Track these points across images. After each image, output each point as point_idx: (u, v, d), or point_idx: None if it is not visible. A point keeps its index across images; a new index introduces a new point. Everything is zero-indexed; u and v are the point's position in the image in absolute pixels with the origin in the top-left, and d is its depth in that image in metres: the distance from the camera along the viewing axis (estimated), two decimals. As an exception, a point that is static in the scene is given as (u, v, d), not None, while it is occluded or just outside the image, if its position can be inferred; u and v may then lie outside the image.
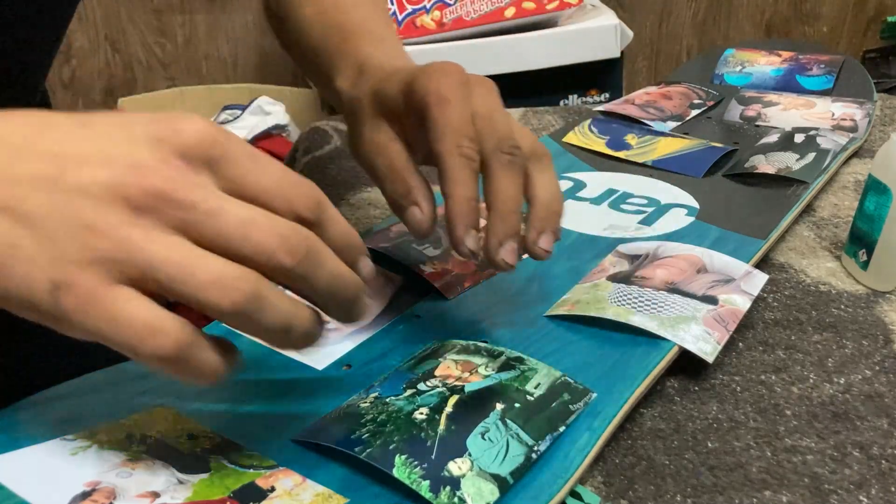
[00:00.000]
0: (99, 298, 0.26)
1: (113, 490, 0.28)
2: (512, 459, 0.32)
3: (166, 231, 0.27)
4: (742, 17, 1.86)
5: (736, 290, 0.45)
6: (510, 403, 0.35)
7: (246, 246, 0.27)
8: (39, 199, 0.26)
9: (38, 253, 0.26)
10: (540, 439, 0.33)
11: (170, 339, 0.26)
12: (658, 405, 0.40)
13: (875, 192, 0.48)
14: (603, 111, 0.76)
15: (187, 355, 0.26)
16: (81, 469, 0.30)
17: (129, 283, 0.26)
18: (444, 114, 0.37)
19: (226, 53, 1.81)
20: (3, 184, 0.27)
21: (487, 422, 0.34)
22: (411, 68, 0.40)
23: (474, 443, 0.32)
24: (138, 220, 0.26)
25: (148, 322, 0.26)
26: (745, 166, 0.62)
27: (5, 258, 0.26)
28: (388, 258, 0.48)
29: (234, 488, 0.29)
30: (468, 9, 1.31)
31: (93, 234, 0.26)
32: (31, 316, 0.27)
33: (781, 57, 0.83)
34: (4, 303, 0.27)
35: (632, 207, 0.57)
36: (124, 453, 0.30)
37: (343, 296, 0.30)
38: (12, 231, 0.26)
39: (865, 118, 0.70)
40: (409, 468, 0.31)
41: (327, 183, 0.67)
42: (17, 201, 0.26)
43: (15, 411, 0.35)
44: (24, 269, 0.26)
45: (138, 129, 0.28)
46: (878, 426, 0.38)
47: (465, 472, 0.31)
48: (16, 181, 0.27)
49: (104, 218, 0.26)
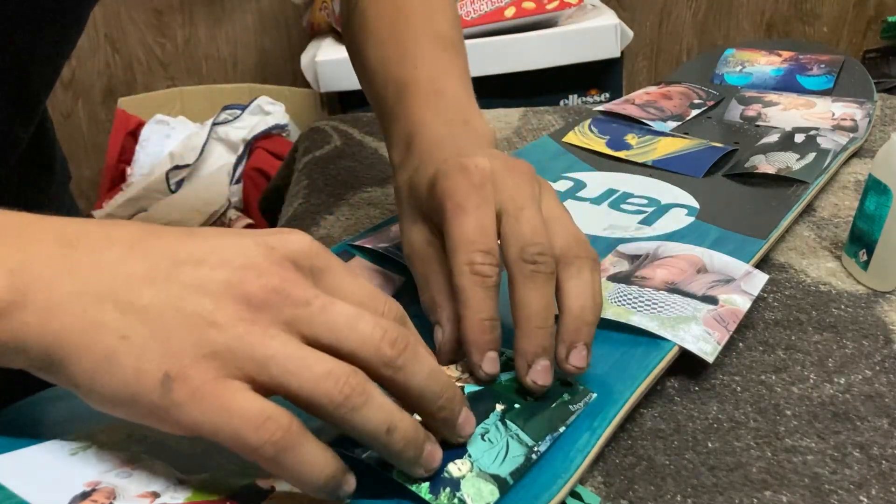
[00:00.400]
0: (212, 390, 0.26)
1: (113, 490, 0.28)
2: (512, 460, 0.32)
3: (281, 327, 0.28)
4: (742, 16, 1.86)
5: (736, 290, 0.45)
6: (510, 404, 0.35)
7: (353, 337, 0.28)
8: (154, 293, 0.27)
9: (151, 345, 0.27)
10: (540, 440, 0.33)
11: (281, 426, 0.26)
12: (658, 405, 0.40)
13: (875, 192, 0.48)
14: (603, 111, 0.76)
15: (296, 443, 0.27)
16: (81, 469, 0.29)
17: (241, 376, 0.27)
18: (458, 225, 0.35)
19: (226, 53, 1.81)
20: (116, 279, 0.27)
21: (487, 423, 0.34)
22: (442, 158, 0.38)
23: (474, 444, 0.32)
24: (256, 315, 0.27)
25: (261, 410, 0.26)
26: (745, 166, 0.62)
27: (115, 349, 0.27)
28: (389, 258, 0.48)
29: (234, 488, 0.29)
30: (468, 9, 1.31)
31: (211, 328, 0.27)
32: (127, 411, 0.27)
33: (781, 57, 0.83)
34: (107, 400, 0.27)
35: (632, 207, 0.57)
36: (124, 453, 0.30)
37: (441, 390, 0.30)
38: (124, 323, 0.27)
39: (865, 118, 0.70)
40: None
41: (327, 183, 0.67)
42: (130, 295, 0.27)
43: (15, 411, 0.35)
44: (135, 361, 0.26)
45: (248, 237, 0.29)
46: (879, 426, 0.38)
47: (464, 472, 0.31)
48: (129, 276, 0.28)
49: (223, 313, 0.27)
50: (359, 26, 0.51)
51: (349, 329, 0.28)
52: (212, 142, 1.57)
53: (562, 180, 0.62)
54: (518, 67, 1.33)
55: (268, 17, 1.79)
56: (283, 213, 0.66)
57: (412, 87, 0.45)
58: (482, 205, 0.36)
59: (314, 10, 1.53)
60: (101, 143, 1.80)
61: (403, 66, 0.46)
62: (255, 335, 0.27)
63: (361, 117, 0.81)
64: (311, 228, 0.59)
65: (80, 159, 1.83)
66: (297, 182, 0.70)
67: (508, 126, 0.78)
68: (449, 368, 0.37)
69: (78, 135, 1.83)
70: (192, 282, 0.28)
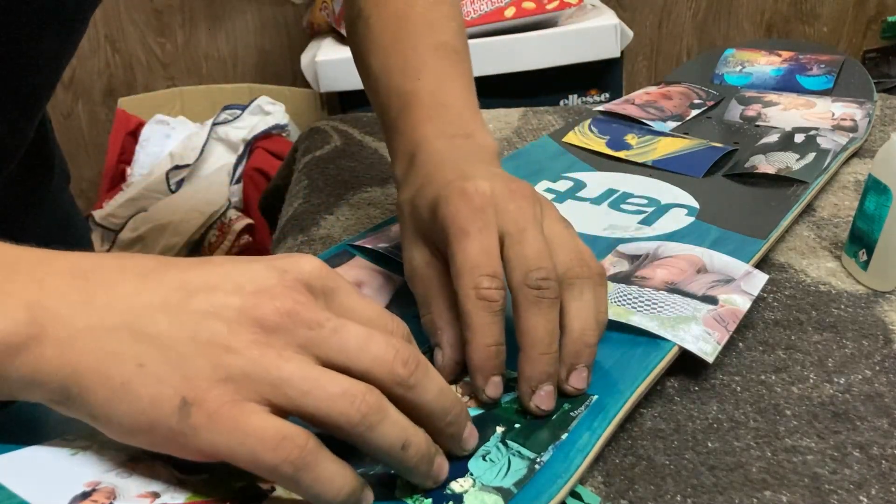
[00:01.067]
0: (229, 413, 0.27)
1: (113, 490, 0.28)
2: (514, 473, 0.32)
3: (295, 349, 0.28)
4: (742, 16, 1.86)
5: (736, 290, 0.45)
6: (510, 426, 0.35)
7: (365, 357, 0.29)
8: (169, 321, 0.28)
9: (167, 371, 0.27)
10: (542, 451, 0.34)
11: (297, 445, 0.27)
12: (658, 405, 0.40)
13: (875, 192, 0.48)
14: (603, 111, 0.76)
15: (314, 462, 0.27)
16: (82, 469, 0.30)
17: (257, 398, 0.27)
18: (463, 249, 0.35)
19: (226, 53, 1.81)
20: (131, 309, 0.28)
21: (488, 445, 0.34)
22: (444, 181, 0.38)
23: (476, 464, 0.33)
24: (270, 338, 0.28)
25: (277, 430, 0.27)
26: (745, 166, 0.62)
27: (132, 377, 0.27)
28: (388, 258, 0.48)
29: (234, 489, 0.29)
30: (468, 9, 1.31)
31: (226, 352, 0.27)
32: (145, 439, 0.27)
33: (781, 57, 0.83)
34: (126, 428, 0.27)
35: (632, 207, 0.57)
36: (124, 453, 0.30)
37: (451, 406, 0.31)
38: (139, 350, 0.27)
39: (865, 118, 0.70)
40: (410, 488, 0.31)
41: (327, 183, 0.67)
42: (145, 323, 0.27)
43: (15, 411, 0.35)
44: (152, 388, 0.27)
45: (259, 263, 0.30)
46: (878, 426, 0.38)
47: (467, 488, 0.31)
48: (144, 305, 0.28)
49: (238, 337, 0.27)
50: (362, 34, 0.51)
51: (362, 350, 0.29)
52: (212, 142, 1.57)
53: (562, 180, 0.62)
54: (518, 67, 1.33)
55: (268, 17, 1.79)
56: (283, 213, 0.66)
57: (415, 100, 0.45)
58: (484, 228, 0.36)
59: (314, 10, 1.53)
60: (101, 143, 1.80)
61: (406, 77, 0.46)
62: (269, 358, 0.27)
63: (361, 117, 0.81)
64: (311, 228, 0.59)
65: (80, 159, 1.83)
66: (297, 182, 0.70)
67: (508, 126, 0.78)
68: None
69: (78, 135, 1.83)
70: (207, 308, 0.28)
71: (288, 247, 0.58)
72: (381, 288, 0.46)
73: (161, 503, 0.28)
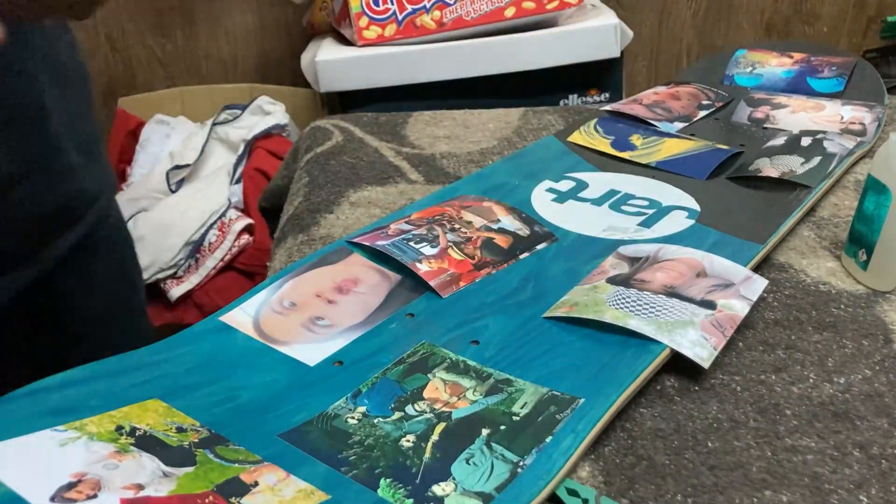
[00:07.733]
0: None
1: (98, 481, 0.29)
2: (497, 477, 0.33)
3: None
4: (742, 16, 1.86)
5: (735, 295, 0.45)
6: (495, 427, 0.35)
7: None
8: None
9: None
10: (525, 454, 0.34)
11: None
12: (658, 405, 0.40)
13: (874, 192, 0.48)
14: (609, 110, 0.75)
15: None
16: (69, 460, 0.30)
17: None
18: None
19: (226, 53, 1.81)
20: None
21: (473, 448, 0.34)
22: None
23: (459, 468, 0.33)
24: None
25: None
26: (749, 169, 0.62)
27: None
28: (385, 256, 0.48)
29: (217, 482, 0.30)
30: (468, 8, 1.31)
31: None
32: None
33: (793, 58, 0.82)
34: None
35: (632, 209, 0.57)
36: (113, 445, 0.31)
37: None
38: None
39: (875, 122, 0.69)
40: (393, 489, 0.32)
41: (328, 180, 0.67)
42: None
43: (7, 401, 0.35)
44: None
45: None
46: (878, 426, 0.38)
47: (448, 492, 0.32)
48: None
49: None
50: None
51: None
52: (212, 142, 1.57)
53: (564, 180, 0.62)
54: (518, 67, 1.32)
55: (268, 17, 1.79)
56: (283, 212, 0.66)
57: None
58: None
59: (314, 10, 1.53)
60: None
61: None
62: None
63: (362, 117, 0.81)
64: (312, 228, 0.59)
65: (80, 159, 1.83)
66: (298, 179, 0.70)
67: (508, 126, 0.78)
68: (437, 390, 0.38)
69: (78, 135, 1.83)
70: None
71: (288, 246, 0.58)
72: (377, 285, 0.46)
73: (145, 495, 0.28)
